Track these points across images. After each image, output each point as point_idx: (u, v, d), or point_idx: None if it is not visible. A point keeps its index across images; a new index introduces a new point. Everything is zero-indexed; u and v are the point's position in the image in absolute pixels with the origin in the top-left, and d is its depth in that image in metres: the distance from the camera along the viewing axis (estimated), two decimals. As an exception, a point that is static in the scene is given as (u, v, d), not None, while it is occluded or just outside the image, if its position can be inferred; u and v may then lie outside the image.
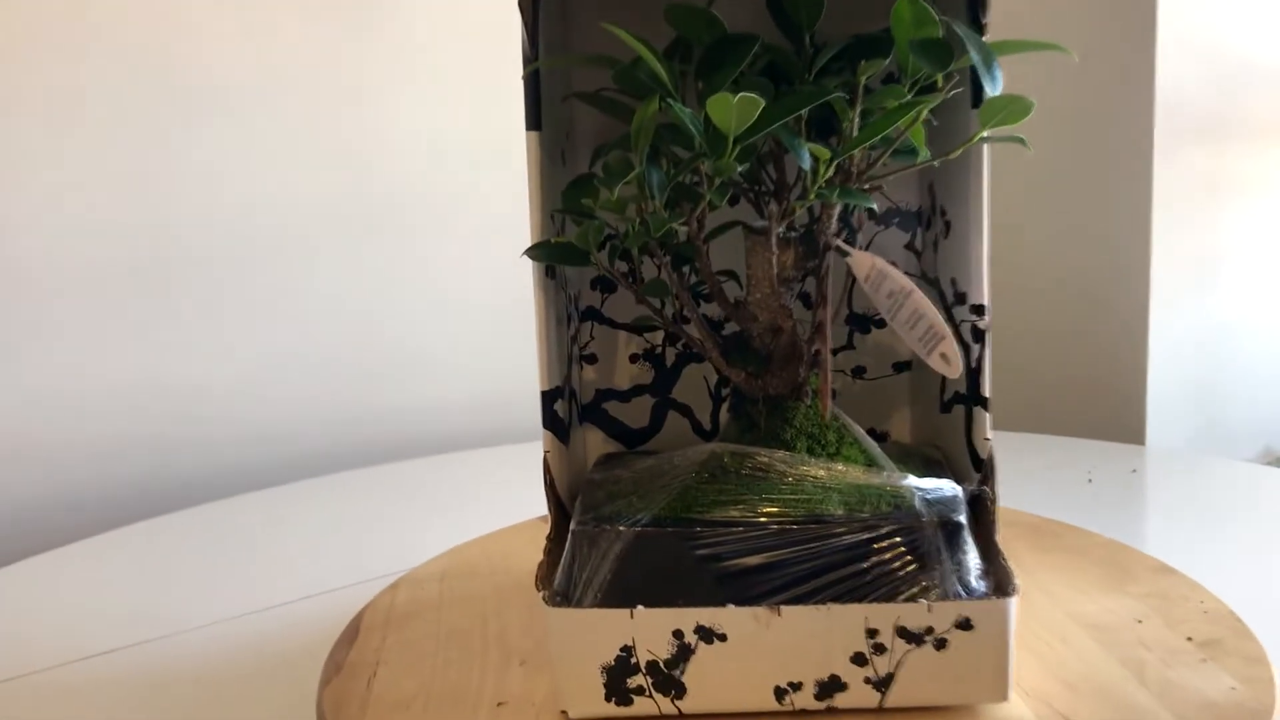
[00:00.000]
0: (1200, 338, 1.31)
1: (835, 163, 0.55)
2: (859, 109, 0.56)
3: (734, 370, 0.60)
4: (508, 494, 0.80)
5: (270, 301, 1.17)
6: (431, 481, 1.11)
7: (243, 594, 0.80)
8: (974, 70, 0.58)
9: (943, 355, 0.57)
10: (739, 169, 0.52)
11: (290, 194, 1.17)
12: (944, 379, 0.67)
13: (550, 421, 0.63)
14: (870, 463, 0.61)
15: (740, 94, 0.48)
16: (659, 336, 0.72)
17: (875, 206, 0.57)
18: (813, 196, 0.55)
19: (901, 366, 0.72)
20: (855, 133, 0.56)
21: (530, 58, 0.60)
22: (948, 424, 0.66)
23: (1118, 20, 1.23)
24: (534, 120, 0.61)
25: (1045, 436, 1.16)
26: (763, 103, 0.49)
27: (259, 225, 1.15)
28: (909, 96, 0.55)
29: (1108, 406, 1.31)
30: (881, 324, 0.72)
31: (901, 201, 0.70)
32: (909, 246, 0.71)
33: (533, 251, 0.60)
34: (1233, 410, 1.35)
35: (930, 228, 0.68)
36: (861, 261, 0.57)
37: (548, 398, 0.63)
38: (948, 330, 0.55)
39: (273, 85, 1.14)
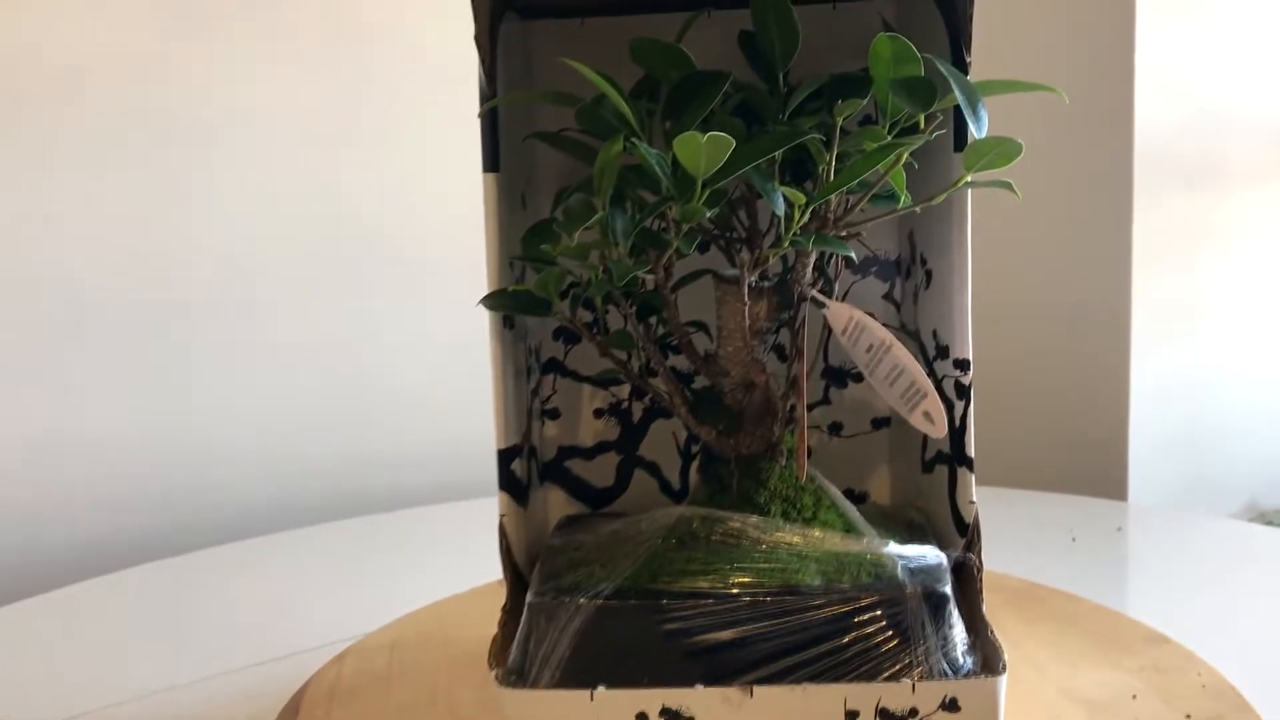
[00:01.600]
0: (1182, 389, 1.29)
1: (811, 208, 0.51)
2: (835, 151, 0.52)
3: (704, 428, 0.56)
4: (470, 552, 0.76)
5: (221, 352, 1.12)
6: (389, 538, 1.06)
7: (181, 663, 0.75)
8: (958, 111, 0.55)
9: (926, 414, 0.53)
10: (708, 214, 0.48)
11: (254, 239, 1.12)
12: (925, 437, 0.63)
13: (507, 482, 0.59)
14: (849, 528, 0.57)
15: (709, 133, 0.45)
16: (625, 390, 0.68)
17: (853, 255, 0.53)
18: (787, 244, 0.52)
19: (880, 423, 0.69)
20: (832, 176, 0.52)
21: (487, 95, 0.56)
22: (930, 485, 0.63)
23: (1095, 64, 1.22)
24: (491, 161, 0.57)
25: (1024, 492, 1.13)
26: (733, 143, 0.46)
27: (221, 271, 1.11)
28: (889, 138, 0.52)
29: (1088, 460, 1.28)
30: (859, 378, 0.68)
31: (879, 250, 0.66)
32: (887, 297, 0.67)
33: (489, 300, 0.56)
34: (1216, 463, 1.32)
35: (910, 277, 0.65)
36: (839, 313, 0.54)
37: (504, 457, 0.58)
38: (931, 387, 0.52)
39: (249, 129, 1.11)
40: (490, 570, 0.76)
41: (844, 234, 0.54)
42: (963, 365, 0.57)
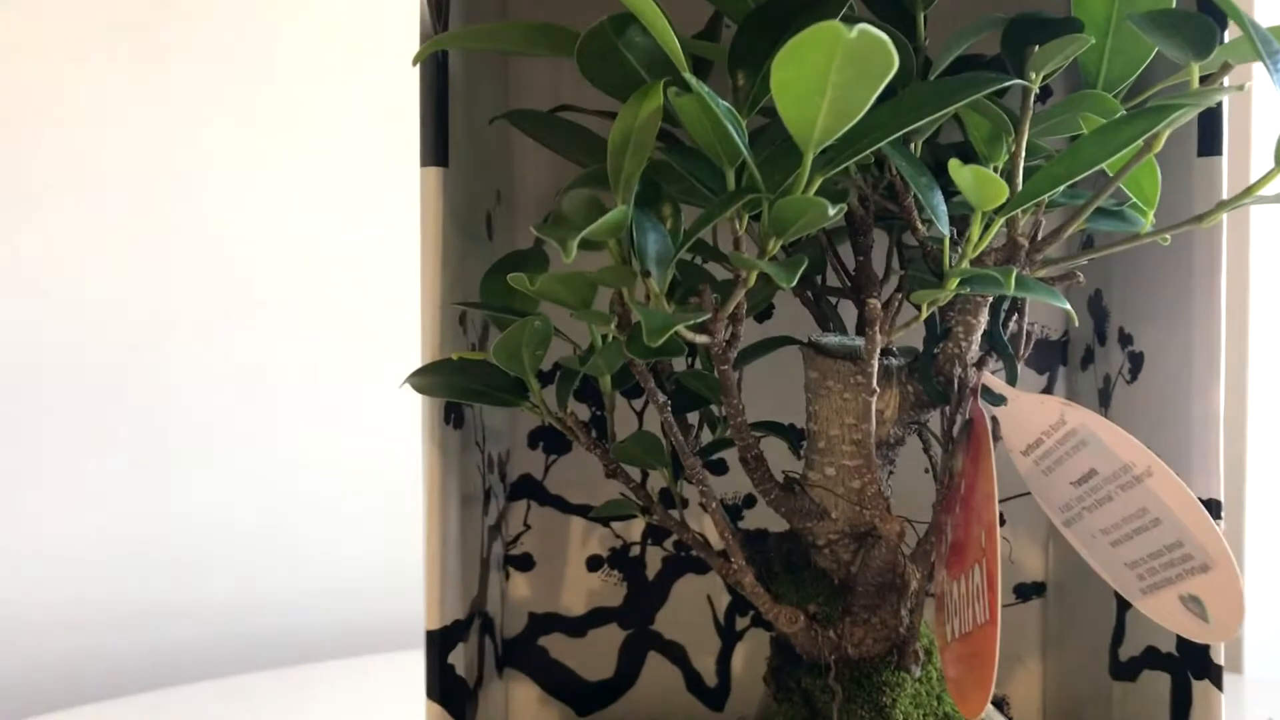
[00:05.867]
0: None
1: (1006, 217, 0.28)
2: (1027, 129, 0.30)
3: (783, 610, 0.32)
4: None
5: (94, 458, 0.86)
6: (303, 701, 0.80)
7: None
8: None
9: (1190, 599, 0.30)
10: (831, 215, 0.25)
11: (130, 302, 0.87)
12: (1120, 621, 0.39)
13: (441, 686, 0.35)
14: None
15: (859, 27, 0.22)
16: (635, 529, 0.45)
17: (1068, 308, 0.30)
18: (952, 286, 0.29)
19: (1029, 591, 0.45)
20: (1020, 175, 0.30)
21: (430, 32, 0.34)
22: (1129, 698, 0.39)
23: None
24: (435, 151, 0.34)
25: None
26: (894, 58, 0.23)
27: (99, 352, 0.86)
28: (1124, 110, 0.30)
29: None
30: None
31: (1034, 324, 0.43)
32: (1045, 394, 0.44)
33: (421, 379, 0.33)
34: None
35: (1090, 365, 0.42)
36: (1040, 411, 0.30)
37: (437, 643, 0.35)
38: (1224, 551, 0.28)
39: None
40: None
41: (1042, 274, 0.31)
42: (1210, 509, 0.34)
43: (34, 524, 0.82)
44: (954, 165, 0.26)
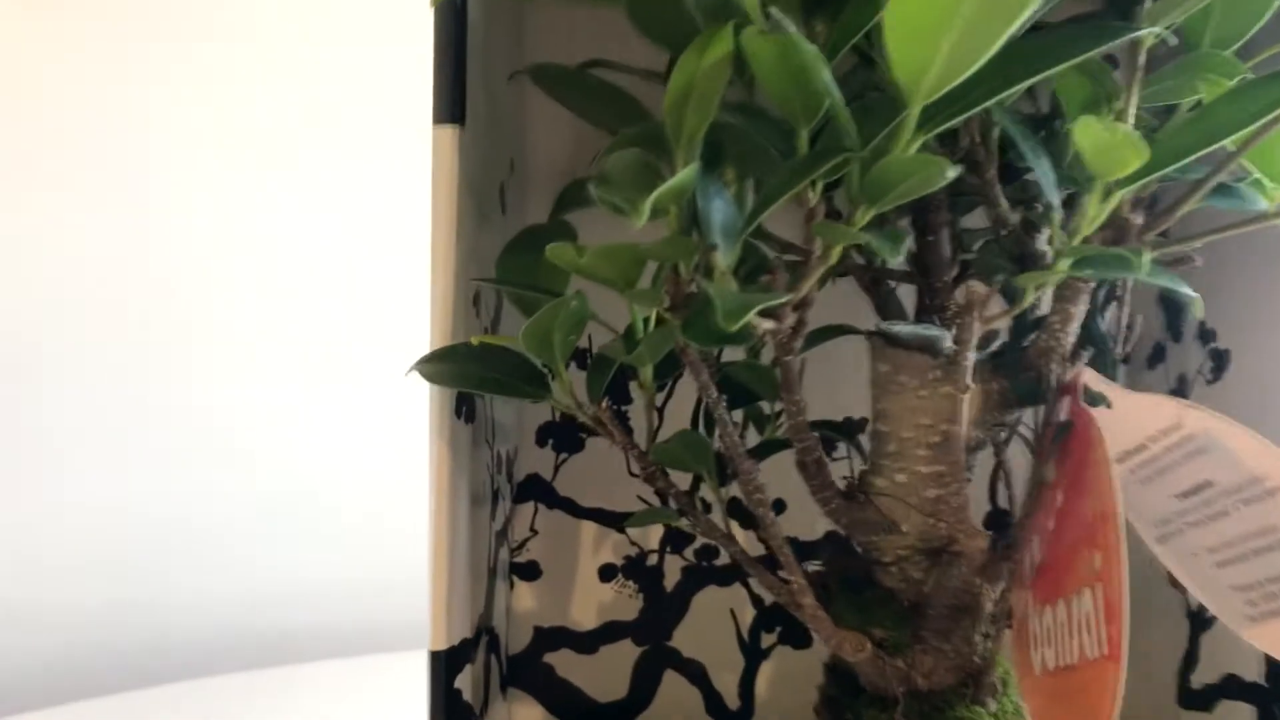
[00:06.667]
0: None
1: (1119, 193, 0.25)
2: (1136, 91, 0.26)
3: (847, 636, 0.28)
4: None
5: (80, 438, 0.82)
6: (302, 698, 0.76)
7: None
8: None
9: (1311, 630, 0.26)
10: (950, 175, 0.21)
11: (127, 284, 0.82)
12: (1194, 641, 0.36)
13: (446, 713, 0.31)
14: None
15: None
16: (653, 535, 0.41)
17: (1195, 296, 0.27)
18: (1063, 267, 0.25)
19: (1082, 608, 0.41)
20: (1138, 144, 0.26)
21: (449, -33, 0.30)
22: (1200, 731, 0.35)
23: None
24: (451, 107, 0.30)
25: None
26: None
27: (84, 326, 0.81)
28: (1246, 73, 0.26)
29: None
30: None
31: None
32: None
33: (431, 366, 0.29)
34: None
35: (1159, 363, 0.39)
36: (1151, 414, 0.27)
37: (444, 665, 0.30)
38: (1373, 583, 0.25)
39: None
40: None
41: (1148, 254, 0.27)
42: (1309, 525, 0.31)
43: (30, 523, 0.78)
44: (1083, 123, 0.23)
